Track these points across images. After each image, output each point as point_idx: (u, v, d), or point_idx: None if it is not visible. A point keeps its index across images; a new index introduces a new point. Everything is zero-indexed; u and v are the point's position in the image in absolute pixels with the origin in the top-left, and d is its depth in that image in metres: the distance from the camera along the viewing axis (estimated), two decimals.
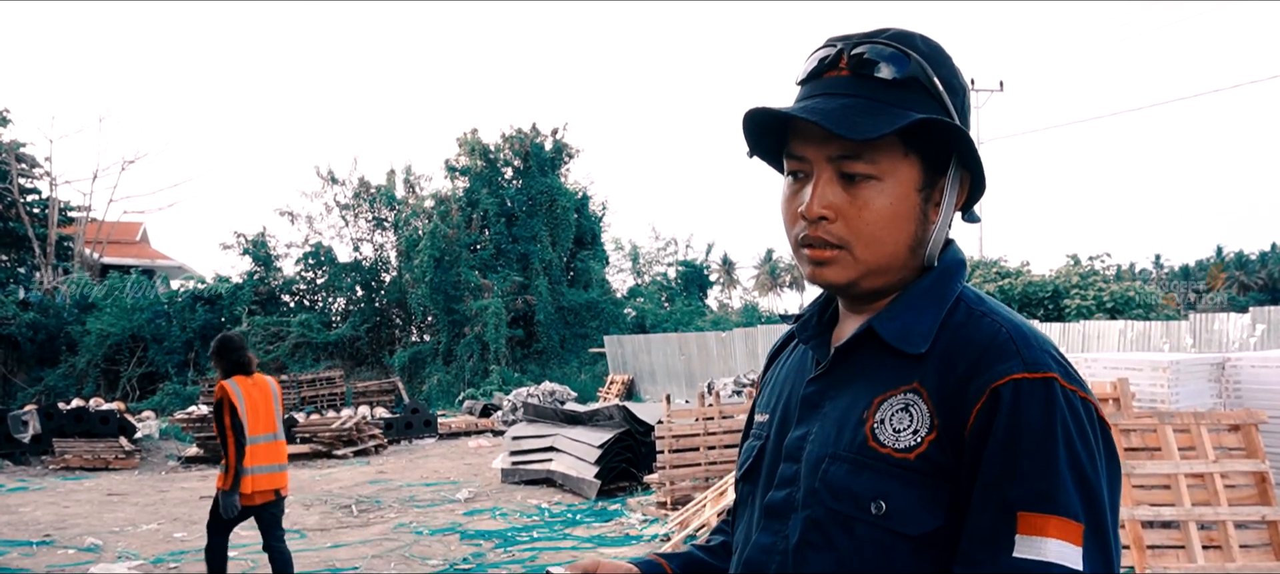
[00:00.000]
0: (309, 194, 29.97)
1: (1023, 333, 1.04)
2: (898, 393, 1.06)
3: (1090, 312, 19.33)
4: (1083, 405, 1.00)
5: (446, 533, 8.33)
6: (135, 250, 35.02)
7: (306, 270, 28.59)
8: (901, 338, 1.08)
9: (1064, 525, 0.94)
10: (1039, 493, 0.95)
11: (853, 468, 1.06)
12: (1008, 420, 0.97)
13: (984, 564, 0.96)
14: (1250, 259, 59.93)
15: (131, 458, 13.87)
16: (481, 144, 28.36)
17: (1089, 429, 0.99)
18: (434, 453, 14.88)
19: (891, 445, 1.04)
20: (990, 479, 0.97)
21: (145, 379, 24.88)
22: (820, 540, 1.07)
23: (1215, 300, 47.69)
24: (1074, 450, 0.97)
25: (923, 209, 1.11)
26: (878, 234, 1.09)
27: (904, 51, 1.08)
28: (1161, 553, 5.80)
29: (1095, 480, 0.97)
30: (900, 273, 1.13)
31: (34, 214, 29.65)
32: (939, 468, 1.01)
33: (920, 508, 1.01)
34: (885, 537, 1.03)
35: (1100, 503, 0.97)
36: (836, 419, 1.11)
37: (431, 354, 26.64)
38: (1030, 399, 0.98)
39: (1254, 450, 6.05)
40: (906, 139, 1.08)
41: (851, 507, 1.05)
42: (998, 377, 0.99)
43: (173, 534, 8.58)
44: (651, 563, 1.34)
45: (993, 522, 0.96)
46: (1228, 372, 7.48)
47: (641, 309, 29.66)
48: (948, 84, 1.09)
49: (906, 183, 1.09)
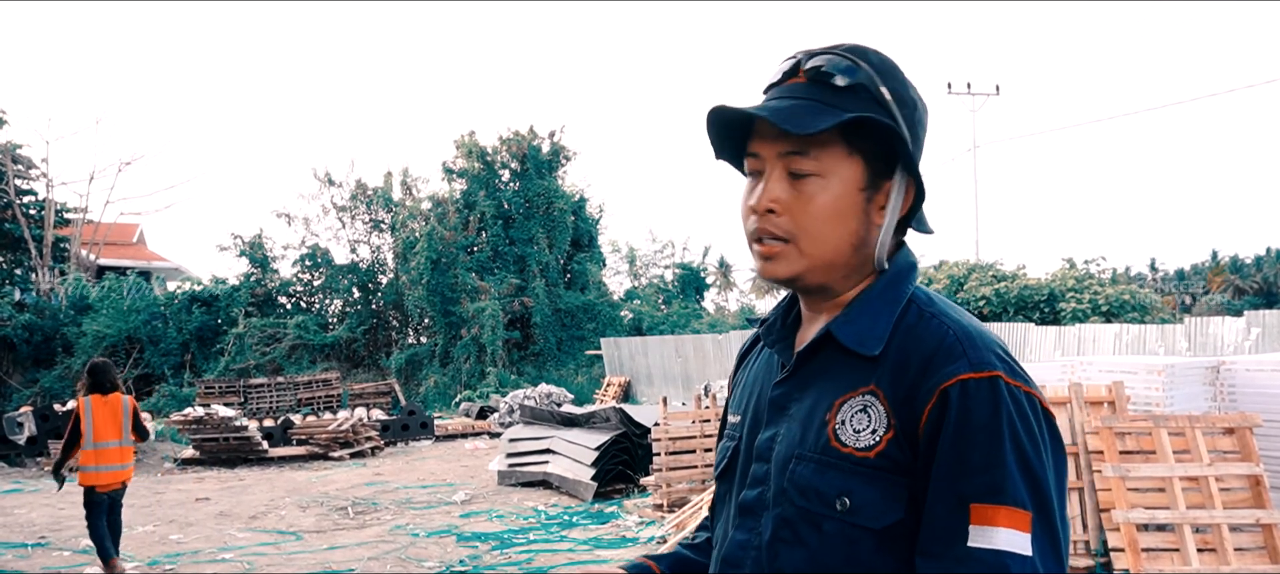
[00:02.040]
0: (306, 196, 29.98)
1: (969, 334, 1.10)
2: (856, 395, 1.13)
3: (1086, 315, 19.36)
4: (1027, 400, 1.06)
5: (443, 535, 8.33)
6: (132, 252, 34.98)
7: (303, 272, 28.56)
8: (858, 342, 1.14)
9: (1012, 514, 1.00)
10: (988, 485, 1.01)
11: (818, 467, 1.13)
12: (957, 418, 1.04)
13: (942, 554, 1.03)
14: (1245, 263, 60.03)
15: None
16: (479, 146, 28.35)
17: (1033, 422, 1.05)
18: (431, 455, 14.87)
19: (852, 445, 1.10)
20: (943, 474, 1.04)
21: (141, 381, 24.83)
22: (791, 537, 1.14)
23: (1211, 304, 47.79)
24: (1020, 443, 1.03)
25: (865, 209, 1.17)
26: (820, 229, 1.15)
27: (855, 62, 1.15)
28: (1156, 556, 5.82)
29: (1041, 470, 1.03)
30: (846, 270, 1.19)
31: (30, 215, 29.59)
32: (897, 464, 1.08)
33: (882, 503, 1.08)
34: (851, 531, 1.09)
35: (1046, 491, 1.03)
36: (801, 420, 1.18)
37: (428, 356, 26.63)
38: (976, 397, 1.04)
39: (1248, 454, 6.07)
40: (850, 140, 1.15)
41: (818, 504, 1.12)
42: (946, 378, 1.06)
43: (169, 536, 8.57)
44: (640, 566, 1.39)
45: (947, 514, 1.03)
46: (1223, 375, 7.50)
47: (638, 311, 29.66)
48: (897, 95, 1.16)
49: (849, 182, 1.15)
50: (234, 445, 14.12)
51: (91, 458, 6.83)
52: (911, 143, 1.16)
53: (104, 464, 6.85)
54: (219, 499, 10.75)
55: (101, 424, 6.83)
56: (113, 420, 6.90)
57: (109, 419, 6.88)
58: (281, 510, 9.88)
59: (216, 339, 25.91)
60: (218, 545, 8.10)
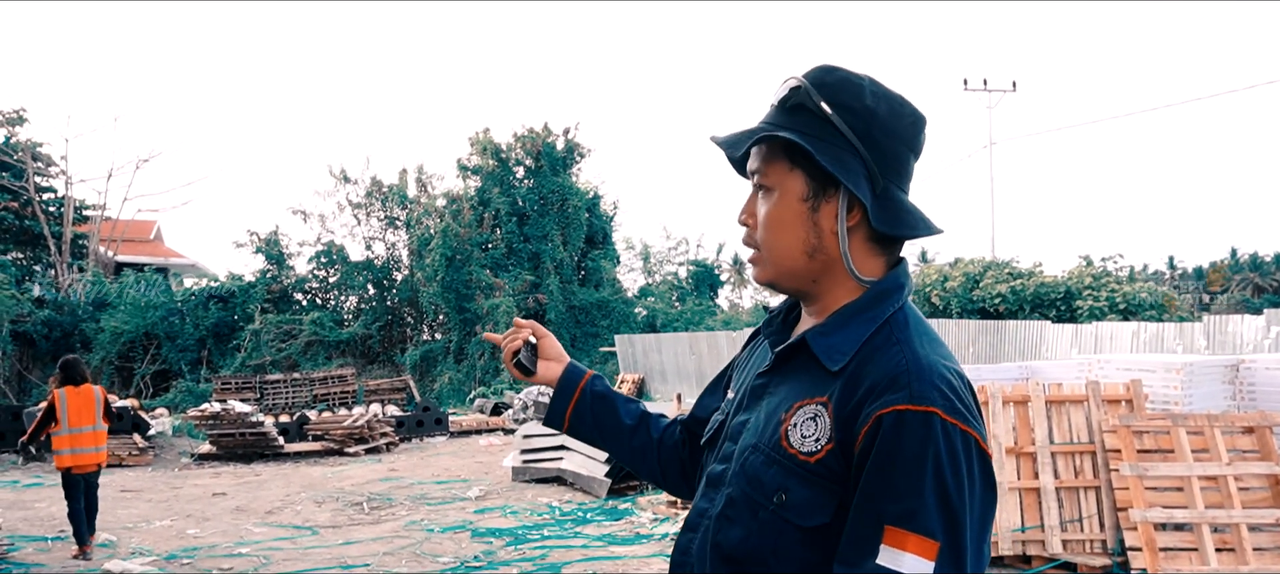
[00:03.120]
0: (322, 193, 30.14)
1: (920, 367, 1.15)
2: (812, 403, 1.22)
3: (1103, 313, 19.24)
4: (960, 437, 1.11)
5: (457, 531, 8.36)
6: (149, 249, 35.24)
7: (319, 269, 28.71)
8: (826, 354, 1.23)
9: (922, 543, 1.06)
10: (904, 512, 1.07)
11: (766, 461, 1.23)
12: (887, 444, 1.10)
13: (854, 564, 1.10)
14: (1265, 261, 59.42)
15: (145, 455, 13.96)
16: (493, 143, 28.41)
17: (961, 459, 1.10)
18: (445, 451, 14.92)
19: (798, 448, 1.20)
20: (868, 493, 1.11)
21: (159, 376, 25.03)
22: (733, 515, 1.25)
23: (1230, 302, 47.37)
24: (942, 477, 1.08)
25: (810, 218, 1.25)
26: (770, 238, 1.28)
27: (799, 82, 1.25)
28: (1174, 555, 5.78)
29: (959, 506, 1.08)
30: (809, 276, 1.28)
31: (50, 212, 29.86)
32: (833, 474, 1.16)
33: (813, 505, 1.17)
34: (781, 524, 1.19)
35: (960, 526, 1.08)
36: (766, 414, 1.28)
37: (443, 352, 26.72)
38: (910, 429, 1.10)
39: (1268, 453, 6.02)
40: (790, 156, 1.25)
41: (759, 494, 1.22)
42: (885, 405, 1.12)
43: (185, 530, 8.63)
44: (574, 373, 1.65)
45: (866, 529, 1.10)
46: (1242, 374, 7.44)
47: (652, 308, 29.66)
48: (842, 105, 1.23)
49: (791, 193, 1.26)
50: (250, 441, 14.21)
51: (68, 442, 7.49)
52: (864, 148, 1.22)
53: (80, 447, 7.52)
54: (235, 494, 10.82)
55: (76, 411, 7.52)
56: (87, 407, 7.59)
57: (83, 406, 7.57)
58: (297, 505, 9.93)
59: (233, 335, 26.07)
60: (234, 540, 8.15)
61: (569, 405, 1.64)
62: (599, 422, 1.65)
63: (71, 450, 7.50)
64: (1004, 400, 6.73)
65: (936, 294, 21.57)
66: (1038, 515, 6.41)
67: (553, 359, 1.67)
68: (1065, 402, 6.73)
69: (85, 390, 7.63)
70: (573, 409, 1.65)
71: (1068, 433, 6.63)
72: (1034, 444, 6.58)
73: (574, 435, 1.67)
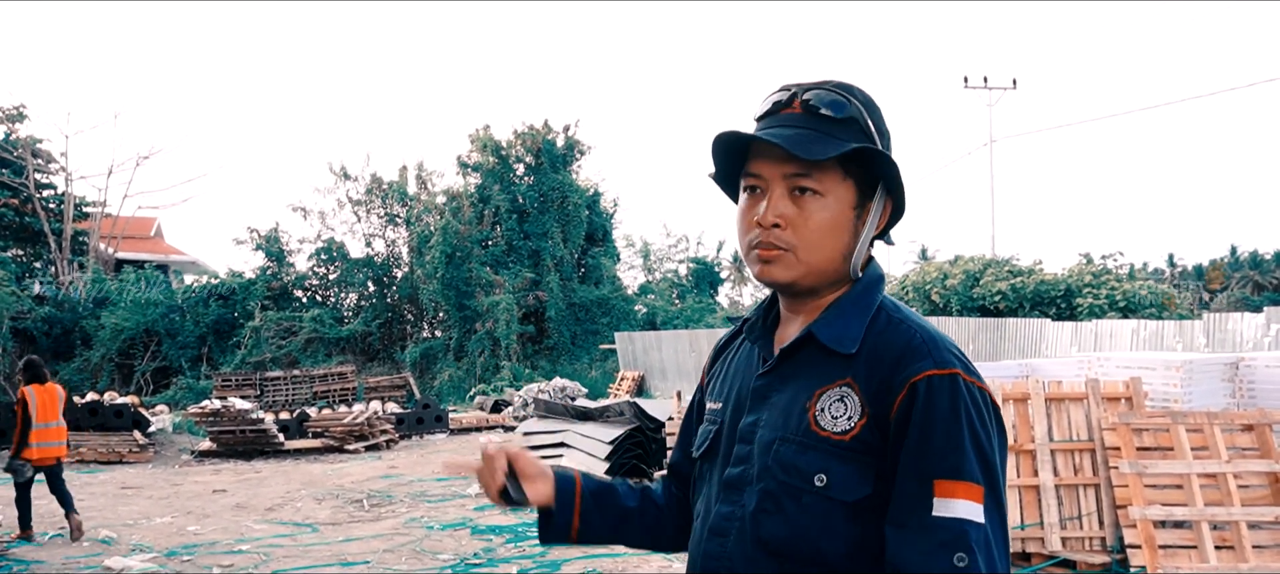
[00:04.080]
0: (322, 190, 30.11)
1: (933, 337, 1.28)
2: (834, 387, 1.30)
3: (1103, 310, 19.24)
4: (980, 394, 1.25)
5: (457, 528, 8.36)
6: (149, 245, 35.25)
7: (319, 266, 28.71)
8: (836, 341, 1.32)
9: (969, 489, 1.19)
10: (950, 466, 1.19)
11: (799, 448, 1.30)
12: (923, 408, 1.22)
13: (910, 523, 1.20)
14: (1265, 259, 59.43)
15: (145, 452, 13.97)
16: (493, 141, 28.39)
17: (985, 412, 1.24)
18: (445, 448, 14.93)
19: (830, 429, 1.28)
20: (911, 455, 1.22)
21: (159, 373, 25.04)
22: (773, 507, 1.30)
23: (1230, 300, 47.36)
24: (975, 430, 1.21)
25: (854, 225, 1.35)
26: (819, 241, 1.33)
27: (846, 98, 1.34)
28: (1174, 553, 5.78)
29: (990, 453, 1.22)
30: (832, 278, 1.36)
31: (50, 209, 29.86)
32: (869, 447, 1.25)
33: (855, 480, 1.26)
34: (826, 504, 1.27)
35: (994, 470, 1.22)
36: (783, 408, 1.34)
37: (443, 350, 26.72)
38: (940, 391, 1.22)
39: (1268, 450, 6.02)
40: (845, 165, 1.33)
41: (799, 480, 1.29)
42: (915, 373, 1.23)
43: (186, 527, 8.64)
44: (566, 478, 1.57)
45: (915, 489, 1.21)
46: (1241, 371, 7.44)
47: (652, 306, 29.66)
48: (877, 127, 1.35)
49: (844, 201, 1.34)
50: (250, 438, 14.22)
51: (36, 436, 8.02)
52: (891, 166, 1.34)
53: (46, 441, 8.07)
54: (235, 491, 10.83)
55: (43, 408, 8.07)
56: (52, 404, 8.16)
57: (49, 403, 8.14)
58: (297, 502, 9.94)
59: (233, 332, 26.08)
60: (234, 537, 8.16)
61: (574, 517, 1.55)
62: (606, 518, 1.58)
63: (38, 445, 8.00)
64: (1004, 398, 6.73)
65: (936, 292, 21.56)
66: (1037, 513, 6.41)
67: (535, 476, 1.53)
68: (1065, 399, 6.73)
69: (50, 388, 8.19)
70: (579, 518, 1.56)
71: (1067, 430, 6.64)
72: (1033, 442, 6.58)
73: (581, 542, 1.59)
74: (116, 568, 7.06)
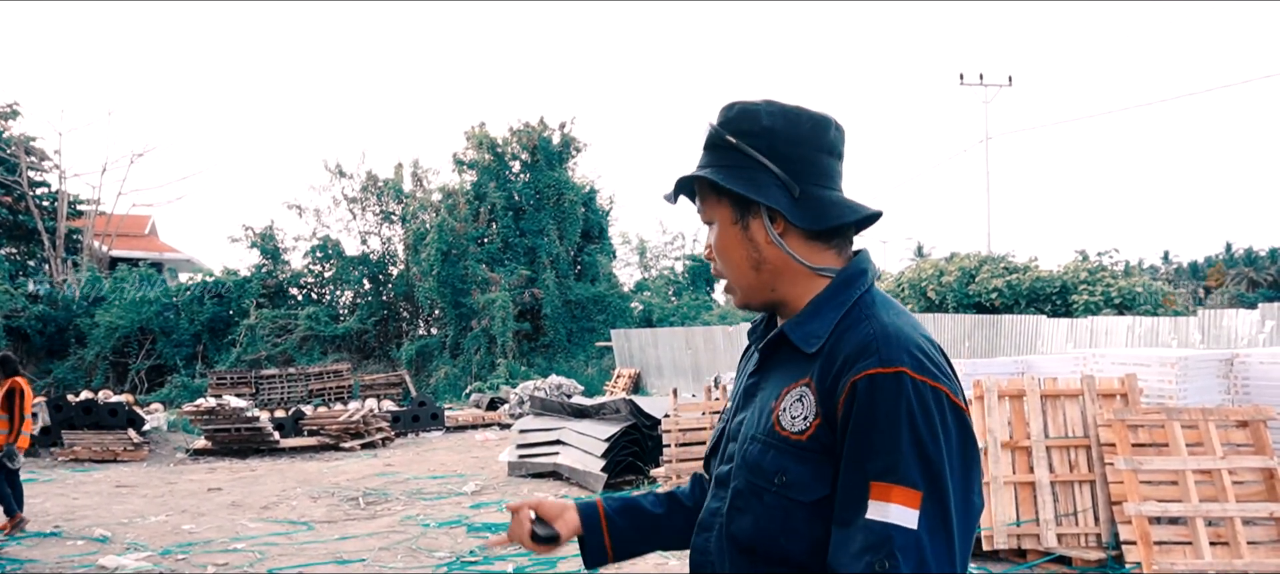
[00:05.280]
0: (317, 188, 30.05)
1: (887, 334, 1.25)
2: (797, 386, 1.32)
3: (1098, 307, 19.25)
4: (930, 392, 1.20)
5: (453, 525, 8.35)
6: (144, 243, 35.16)
7: (314, 264, 28.65)
8: (803, 340, 1.33)
9: (905, 493, 1.16)
10: (885, 466, 1.18)
11: (763, 447, 1.32)
12: (863, 407, 1.20)
13: (848, 522, 1.20)
14: (1260, 256, 59.57)
15: (140, 450, 13.94)
16: (489, 138, 28.34)
17: (934, 411, 1.20)
18: (441, 446, 14.91)
19: (790, 429, 1.29)
20: (851, 455, 1.21)
21: (153, 372, 24.97)
22: (743, 506, 1.33)
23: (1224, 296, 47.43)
24: (917, 430, 1.18)
25: (744, 236, 1.38)
26: (727, 265, 1.41)
27: (710, 123, 1.41)
28: (1168, 549, 5.79)
29: (936, 456, 1.18)
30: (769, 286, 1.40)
31: (43, 207, 29.77)
32: (824, 447, 1.26)
33: (811, 480, 1.26)
34: (786, 503, 1.28)
35: (940, 474, 1.18)
36: (760, 407, 1.38)
37: (439, 347, 26.69)
38: (882, 389, 1.20)
39: (1262, 447, 6.03)
40: (717, 190, 1.39)
41: (761, 479, 1.31)
42: (857, 372, 1.22)
43: (181, 526, 8.62)
44: (588, 503, 1.66)
45: (853, 489, 1.20)
46: (1236, 368, 7.44)
47: (648, 303, 29.63)
48: (743, 132, 1.37)
49: (724, 220, 1.40)
50: (245, 436, 14.19)
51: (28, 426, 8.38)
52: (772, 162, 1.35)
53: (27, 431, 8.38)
54: (231, 489, 10.81)
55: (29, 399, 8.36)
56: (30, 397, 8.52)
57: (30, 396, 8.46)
58: (293, 501, 9.92)
59: (228, 330, 26.02)
60: (230, 535, 8.14)
61: (604, 537, 1.65)
62: (638, 530, 1.66)
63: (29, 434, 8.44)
64: (999, 395, 6.74)
65: (932, 289, 21.57)
66: (1033, 509, 6.41)
67: (558, 514, 1.65)
68: (1060, 396, 6.73)
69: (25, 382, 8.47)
70: (608, 536, 1.65)
71: (1063, 427, 6.64)
72: (1029, 438, 6.59)
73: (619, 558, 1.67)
74: (111, 566, 7.03)
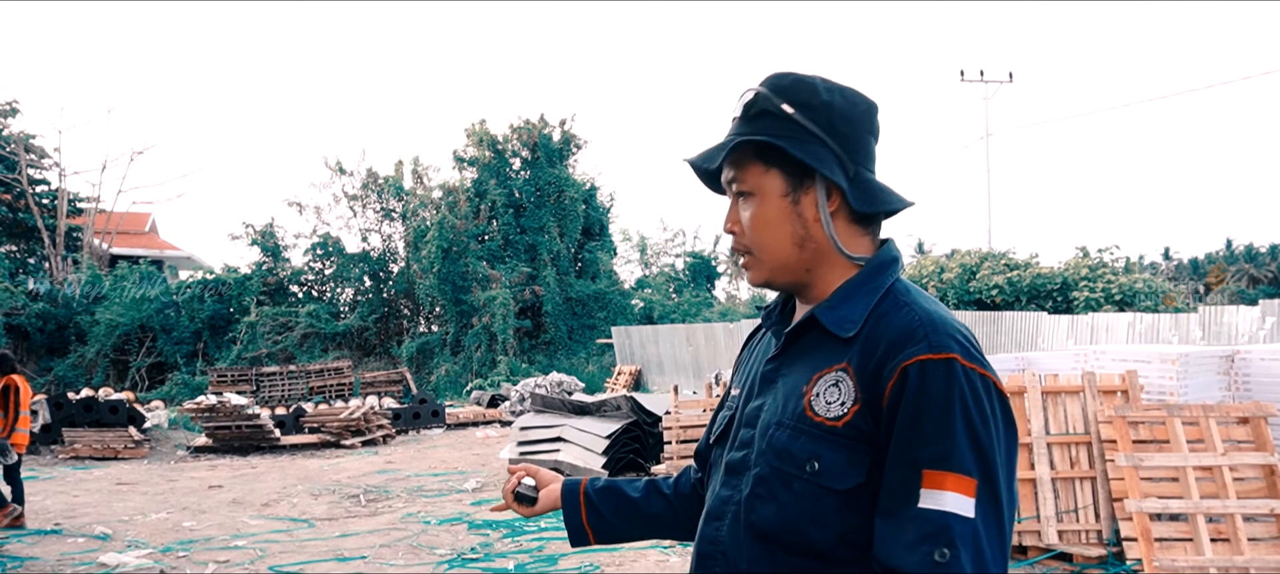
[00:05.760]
0: (317, 185, 30.01)
1: (933, 321, 1.23)
2: (831, 371, 1.28)
3: (1099, 304, 19.25)
4: (980, 380, 1.19)
5: (454, 523, 8.36)
6: (144, 241, 35.14)
7: (315, 261, 28.63)
8: (837, 325, 1.30)
9: (960, 480, 1.14)
10: (939, 454, 1.15)
11: (793, 433, 1.28)
12: (914, 394, 1.18)
13: (896, 513, 1.17)
14: (1260, 252, 59.56)
15: (140, 447, 13.94)
16: (490, 135, 28.32)
17: (985, 400, 1.18)
18: (442, 443, 14.92)
19: (824, 414, 1.26)
20: (901, 443, 1.18)
21: (154, 369, 24.97)
22: (765, 493, 1.29)
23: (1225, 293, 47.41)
24: (970, 418, 1.16)
25: (793, 212, 1.33)
26: (760, 239, 1.35)
27: (755, 90, 1.35)
28: (1169, 546, 5.79)
29: (988, 444, 1.16)
30: (803, 267, 1.35)
31: (43, 205, 29.76)
32: (862, 434, 1.22)
33: (846, 467, 1.22)
34: (817, 491, 1.24)
35: (992, 462, 1.16)
36: (784, 392, 1.34)
37: (439, 345, 26.68)
38: (933, 376, 1.17)
39: (1263, 443, 6.02)
40: (763, 158, 1.33)
41: (791, 466, 1.27)
42: (907, 358, 1.20)
43: (181, 523, 8.62)
44: (572, 482, 1.69)
45: (903, 478, 1.17)
46: (1237, 365, 7.44)
47: (649, 300, 29.63)
48: (800, 103, 1.31)
49: (772, 192, 1.33)
50: (246, 433, 14.20)
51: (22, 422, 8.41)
52: (830, 139, 1.30)
53: (24, 428, 8.48)
54: (231, 486, 10.81)
55: (27, 397, 8.46)
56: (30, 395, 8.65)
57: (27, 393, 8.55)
58: (294, 498, 9.92)
59: (229, 328, 26.02)
60: (231, 532, 8.14)
61: (581, 513, 1.68)
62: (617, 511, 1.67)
63: (26, 430, 8.49)
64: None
65: (933, 285, 21.56)
66: (1034, 506, 6.42)
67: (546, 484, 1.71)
68: (1061, 392, 6.73)
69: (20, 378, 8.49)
70: (586, 512, 1.67)
71: (1063, 424, 6.64)
72: (1030, 435, 6.58)
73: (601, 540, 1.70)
74: (112, 564, 7.04)
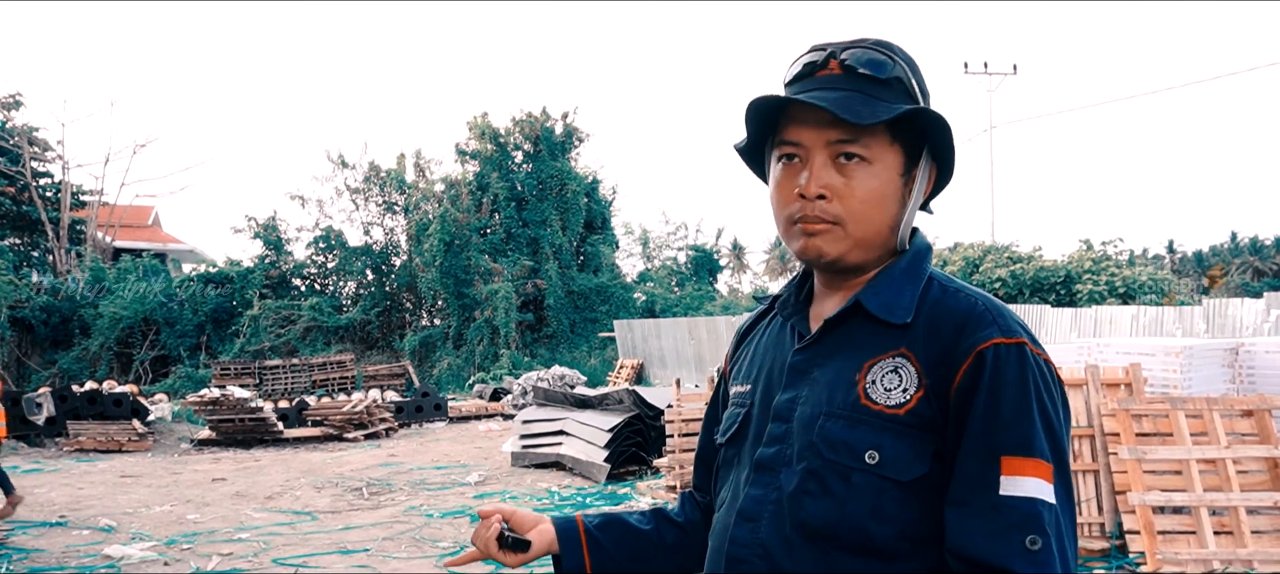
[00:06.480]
0: (320, 178, 30.05)
1: (997, 306, 1.21)
2: (886, 358, 1.21)
3: (1102, 297, 19.23)
4: (1047, 366, 1.18)
5: (457, 516, 8.37)
6: (147, 234, 35.16)
7: (317, 254, 28.65)
8: (887, 310, 1.23)
9: (1038, 466, 1.11)
10: (1018, 440, 1.11)
11: (848, 423, 1.20)
12: (990, 379, 1.13)
13: (974, 502, 1.12)
14: (1265, 245, 59.44)
15: (144, 440, 13.97)
16: (492, 128, 28.30)
17: (1053, 385, 1.17)
18: (444, 436, 14.93)
19: (883, 402, 1.19)
20: (977, 429, 1.13)
21: (158, 362, 25.01)
22: (817, 489, 1.20)
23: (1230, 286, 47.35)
24: (1043, 404, 1.14)
25: (902, 193, 1.27)
26: (867, 212, 1.24)
27: (890, 57, 1.24)
28: (1173, 538, 5.78)
29: (1059, 428, 1.15)
30: (878, 250, 1.27)
31: (47, 198, 29.78)
32: (925, 422, 1.17)
33: (911, 457, 1.16)
34: (878, 483, 1.17)
35: (1064, 448, 1.15)
36: (827, 383, 1.25)
37: (442, 338, 26.70)
38: (1007, 361, 1.14)
39: (1267, 436, 6.01)
40: (893, 129, 1.24)
41: (848, 457, 1.19)
42: (982, 341, 1.15)
43: (185, 516, 8.64)
44: (567, 519, 1.49)
45: (980, 465, 1.12)
46: (1241, 357, 7.43)
47: (651, 294, 29.63)
48: (921, 87, 1.27)
49: (892, 168, 1.25)
50: (249, 426, 14.21)
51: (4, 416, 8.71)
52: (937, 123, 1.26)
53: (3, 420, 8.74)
54: (235, 480, 10.83)
55: None
56: None
57: None
58: (297, 491, 9.94)
59: (232, 321, 26.05)
60: (234, 525, 8.16)
61: (583, 556, 1.47)
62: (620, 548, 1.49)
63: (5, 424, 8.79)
64: None
65: None
66: None
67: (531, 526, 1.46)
68: (1064, 385, 6.72)
69: None
70: (588, 554, 1.47)
71: None
72: None
73: None
74: (116, 556, 7.06)
